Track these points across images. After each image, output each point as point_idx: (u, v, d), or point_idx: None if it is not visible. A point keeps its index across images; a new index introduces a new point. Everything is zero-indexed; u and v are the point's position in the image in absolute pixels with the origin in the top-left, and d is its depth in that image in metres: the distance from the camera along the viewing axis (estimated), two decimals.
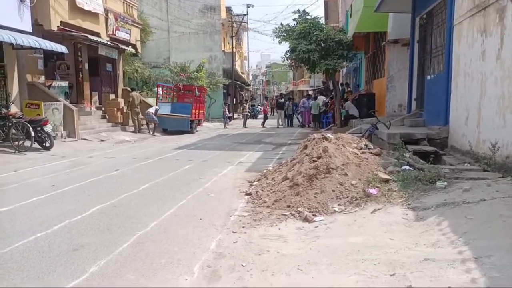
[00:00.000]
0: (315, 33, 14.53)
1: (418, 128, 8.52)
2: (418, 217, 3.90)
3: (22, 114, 10.72)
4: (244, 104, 26.39)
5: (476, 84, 6.29)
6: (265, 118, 23.66)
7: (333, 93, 18.56)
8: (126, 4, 18.63)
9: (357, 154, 5.72)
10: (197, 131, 18.44)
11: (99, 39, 15.10)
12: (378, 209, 4.28)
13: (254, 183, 6.34)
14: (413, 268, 2.83)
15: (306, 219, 4.27)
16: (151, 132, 16.51)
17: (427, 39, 9.80)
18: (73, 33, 13.85)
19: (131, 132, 16.05)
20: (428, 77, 9.25)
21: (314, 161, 5.22)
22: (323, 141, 5.74)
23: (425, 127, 8.61)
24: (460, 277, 2.61)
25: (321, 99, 19.62)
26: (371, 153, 6.02)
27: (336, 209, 4.45)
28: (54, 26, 12.94)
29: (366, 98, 14.81)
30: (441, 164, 6.16)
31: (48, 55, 14.23)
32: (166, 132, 17.49)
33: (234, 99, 33.36)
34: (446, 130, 7.50)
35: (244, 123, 23.09)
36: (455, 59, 7.27)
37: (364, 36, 17.39)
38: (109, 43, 15.84)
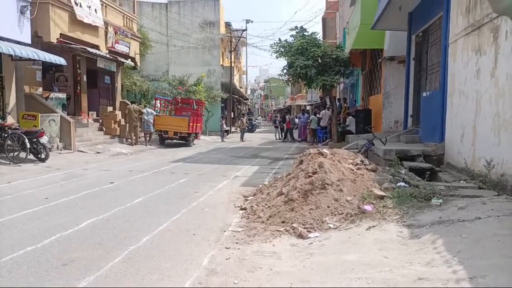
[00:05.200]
0: (312, 49, 14.65)
1: (414, 144, 8.53)
2: (413, 235, 3.87)
3: (18, 125, 10.69)
4: (242, 118, 26.36)
5: (471, 102, 6.33)
6: (287, 132, 22.96)
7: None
8: (126, 18, 18.83)
9: (353, 170, 5.71)
10: (194, 144, 18.43)
11: (98, 52, 15.18)
12: (373, 226, 4.24)
13: (249, 198, 6.30)
14: (407, 287, 2.79)
15: (300, 236, 4.24)
16: (147, 144, 16.48)
17: (423, 57, 9.90)
18: (72, 46, 13.92)
19: (127, 144, 16.02)
20: (424, 94, 9.31)
21: (309, 176, 5.21)
22: (319, 157, 5.73)
23: (421, 143, 8.62)
24: None
25: (327, 113, 17.93)
26: (367, 169, 6.01)
27: (331, 226, 4.41)
28: (53, 38, 13.01)
29: (362, 114, 14.88)
30: (437, 181, 6.14)
31: (47, 67, 14.30)
32: (163, 144, 17.49)
33: (232, 113, 33.45)
34: (442, 147, 7.51)
35: (241, 137, 23.09)
36: (450, 77, 7.33)
37: (361, 53, 17.58)
38: (108, 55, 15.92)
